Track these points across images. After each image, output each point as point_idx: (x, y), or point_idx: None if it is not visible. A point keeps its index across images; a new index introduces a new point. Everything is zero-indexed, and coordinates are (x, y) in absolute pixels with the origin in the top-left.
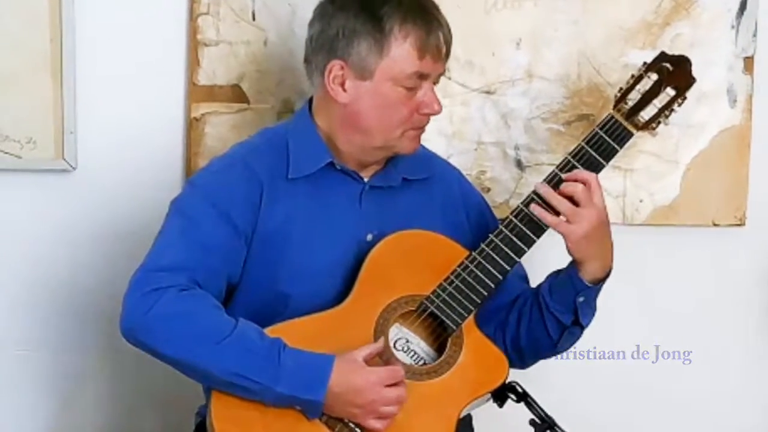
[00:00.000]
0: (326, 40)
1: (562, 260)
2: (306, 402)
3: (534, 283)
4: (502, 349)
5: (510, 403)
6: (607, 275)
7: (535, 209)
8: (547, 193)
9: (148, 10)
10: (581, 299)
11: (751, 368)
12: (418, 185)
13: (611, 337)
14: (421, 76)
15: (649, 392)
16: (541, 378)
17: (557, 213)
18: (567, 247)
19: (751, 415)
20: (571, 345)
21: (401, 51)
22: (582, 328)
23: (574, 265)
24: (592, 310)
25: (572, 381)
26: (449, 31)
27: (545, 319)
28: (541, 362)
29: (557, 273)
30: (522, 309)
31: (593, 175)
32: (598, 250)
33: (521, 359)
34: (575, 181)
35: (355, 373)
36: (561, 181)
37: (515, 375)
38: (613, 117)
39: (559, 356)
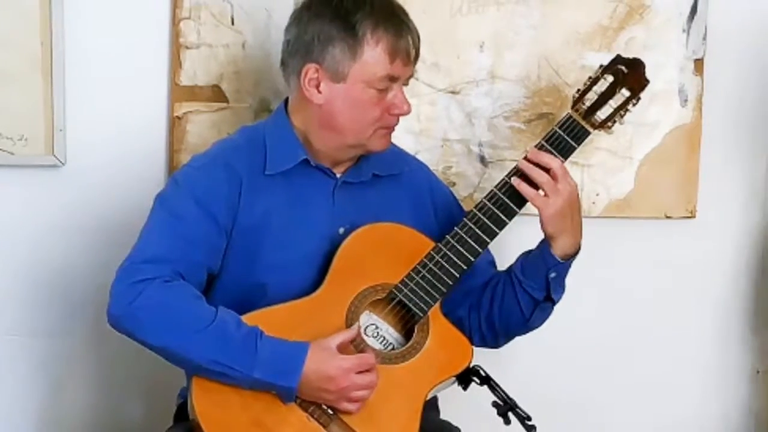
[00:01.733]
0: (302, 45)
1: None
2: (281, 388)
3: (501, 266)
4: (477, 328)
5: (474, 386)
6: (577, 252)
7: (516, 182)
8: (528, 167)
9: (133, 15)
10: (553, 275)
11: (704, 350)
12: (388, 181)
13: (571, 323)
14: (392, 79)
15: (606, 376)
16: (504, 362)
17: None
18: (541, 221)
19: (704, 393)
20: (542, 321)
21: (373, 55)
22: (553, 304)
23: (545, 242)
24: (562, 286)
25: (533, 366)
26: (418, 36)
27: (518, 297)
28: (505, 346)
29: (528, 252)
30: (495, 289)
31: (559, 161)
32: (569, 225)
33: (495, 338)
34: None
35: (328, 361)
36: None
37: (479, 359)
38: (571, 116)
39: (521, 341)
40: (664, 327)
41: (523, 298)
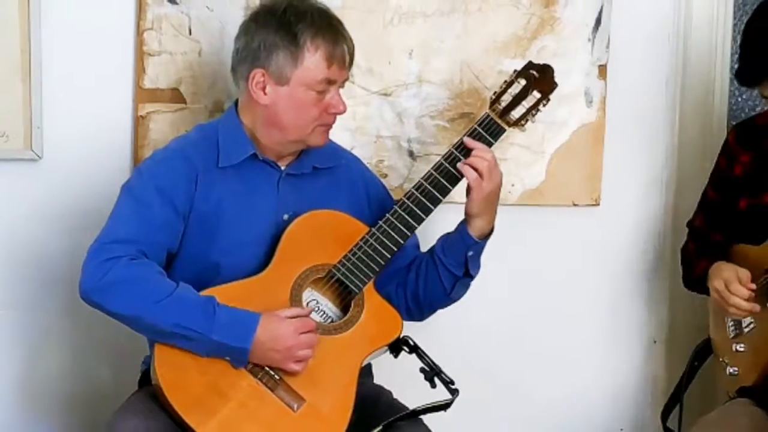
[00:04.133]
0: (250, 52)
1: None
2: (235, 350)
3: (424, 248)
4: (404, 303)
5: (403, 354)
6: (491, 232)
7: (461, 165)
8: (476, 153)
9: (102, 26)
10: (470, 253)
11: (606, 323)
12: (327, 172)
13: (488, 299)
14: (330, 82)
15: (519, 346)
16: (430, 334)
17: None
18: (470, 201)
19: (606, 362)
20: (462, 294)
21: (313, 61)
22: (471, 278)
23: (463, 225)
24: (478, 263)
25: (455, 337)
26: (352, 43)
27: (440, 274)
28: (431, 319)
29: (448, 235)
30: (419, 268)
31: (492, 153)
32: (490, 210)
33: (420, 311)
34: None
35: (276, 324)
36: (457, 159)
37: (407, 331)
38: (489, 116)
39: (445, 315)
40: (571, 302)
41: (444, 274)
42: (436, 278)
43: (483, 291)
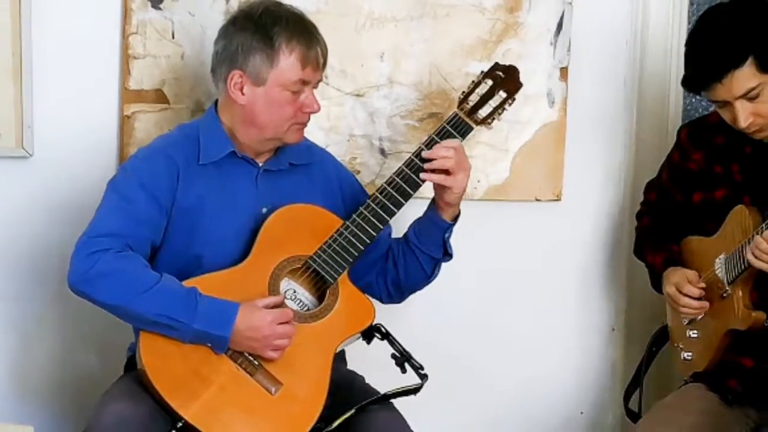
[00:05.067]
0: (228, 54)
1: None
2: (216, 338)
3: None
4: (384, 289)
5: (375, 341)
6: (458, 215)
7: (426, 176)
8: (434, 161)
9: (90, 30)
10: (447, 235)
11: (567, 312)
12: (302, 169)
13: (456, 290)
14: (304, 83)
15: (485, 335)
16: (400, 322)
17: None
18: (450, 194)
19: (568, 349)
20: (438, 272)
21: (288, 62)
22: (450, 257)
23: (434, 212)
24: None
25: (425, 326)
26: (326, 46)
27: (420, 260)
28: (402, 308)
29: (419, 222)
30: (396, 256)
31: (458, 142)
32: (460, 198)
33: (401, 294)
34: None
35: (254, 314)
36: (423, 159)
37: (380, 318)
38: (457, 114)
39: (415, 307)
40: (534, 293)
41: (424, 260)
42: (416, 265)
43: (451, 282)
